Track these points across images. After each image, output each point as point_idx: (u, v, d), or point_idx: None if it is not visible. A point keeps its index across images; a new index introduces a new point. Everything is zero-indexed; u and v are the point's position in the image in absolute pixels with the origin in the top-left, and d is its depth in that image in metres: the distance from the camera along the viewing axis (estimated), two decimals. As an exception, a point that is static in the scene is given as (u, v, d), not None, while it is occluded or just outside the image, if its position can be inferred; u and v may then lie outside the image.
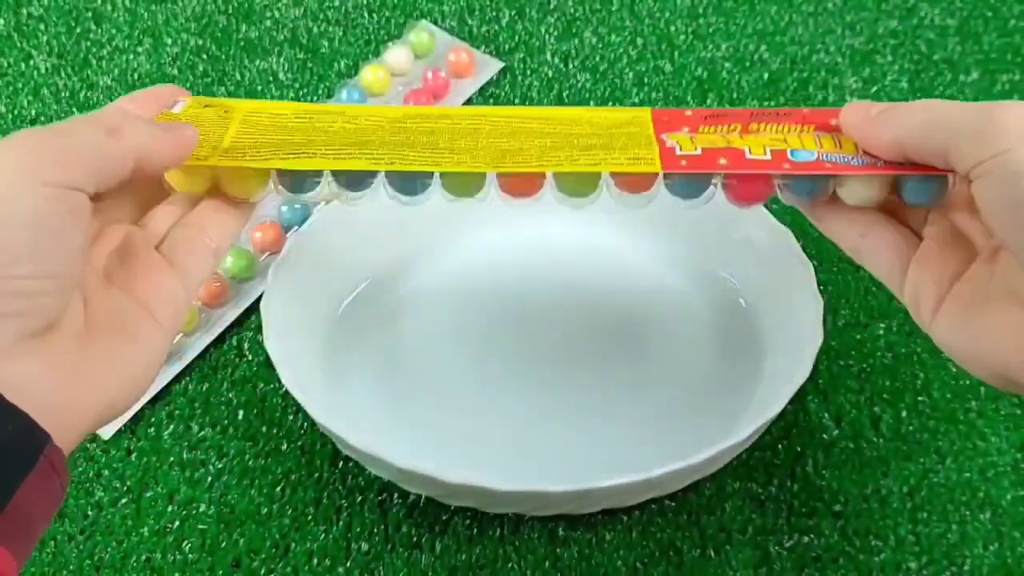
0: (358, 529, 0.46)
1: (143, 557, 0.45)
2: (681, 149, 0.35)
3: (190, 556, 0.45)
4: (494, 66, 0.65)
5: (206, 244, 0.34)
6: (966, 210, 0.35)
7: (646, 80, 0.65)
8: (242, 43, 0.68)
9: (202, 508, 0.47)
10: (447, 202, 0.36)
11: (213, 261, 0.35)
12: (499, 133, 0.36)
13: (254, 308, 0.54)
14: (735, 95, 0.64)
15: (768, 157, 0.35)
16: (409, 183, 0.36)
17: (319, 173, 0.36)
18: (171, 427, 0.49)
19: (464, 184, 0.36)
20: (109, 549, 0.45)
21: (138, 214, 0.35)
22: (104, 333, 0.30)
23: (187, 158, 0.34)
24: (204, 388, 0.51)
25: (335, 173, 0.36)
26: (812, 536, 0.45)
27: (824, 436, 0.49)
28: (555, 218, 0.37)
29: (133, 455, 0.49)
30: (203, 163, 0.35)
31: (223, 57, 0.67)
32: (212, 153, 0.36)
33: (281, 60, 0.67)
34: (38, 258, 0.27)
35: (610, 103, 0.64)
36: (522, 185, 0.35)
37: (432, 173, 0.35)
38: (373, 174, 0.36)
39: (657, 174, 0.35)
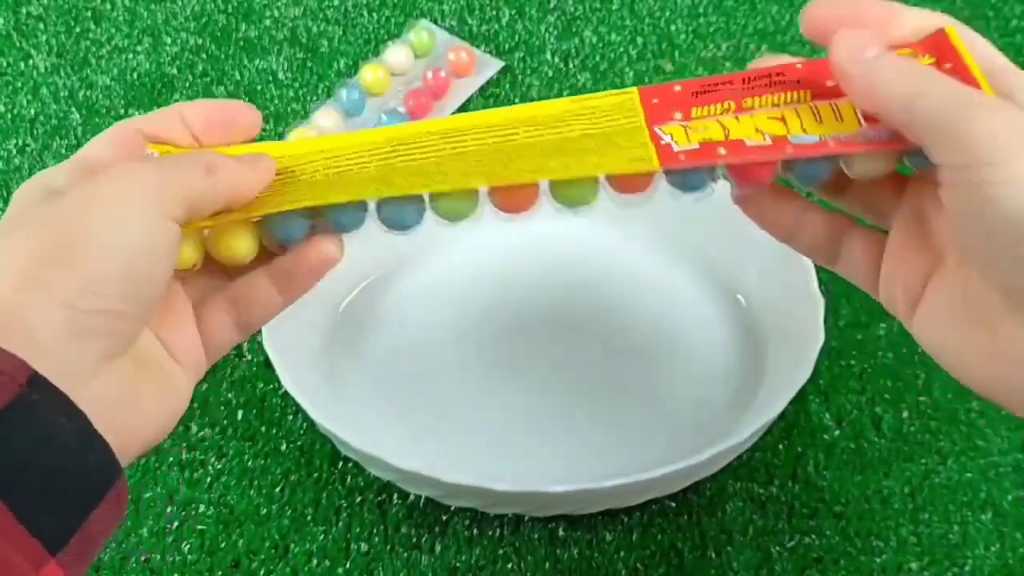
0: (357, 530, 0.46)
1: (142, 558, 0.45)
2: (677, 145, 0.34)
3: (189, 557, 0.45)
4: (494, 65, 0.65)
5: (232, 318, 0.35)
6: (935, 205, 0.32)
7: (647, 80, 0.65)
8: (241, 42, 0.68)
9: (201, 508, 0.47)
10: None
11: (237, 337, 0.35)
12: (488, 151, 0.35)
13: (253, 308, 0.54)
14: (736, 94, 0.64)
15: (768, 143, 0.34)
16: (399, 214, 0.35)
17: (308, 216, 0.35)
18: (170, 427, 0.49)
19: (457, 206, 0.35)
20: (108, 550, 0.45)
21: None
22: (149, 365, 0.31)
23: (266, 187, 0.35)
24: (203, 388, 0.51)
25: (325, 212, 0.35)
26: (813, 537, 0.45)
27: (825, 436, 0.48)
28: (556, 218, 0.37)
29: (132, 455, 0.48)
30: (201, 223, 0.33)
31: (222, 56, 0.67)
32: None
33: (281, 59, 0.67)
34: (132, 283, 0.28)
35: (610, 102, 0.64)
36: (517, 199, 0.34)
37: (422, 199, 0.35)
38: (363, 208, 0.35)
39: (655, 172, 0.34)
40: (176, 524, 0.46)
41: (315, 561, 0.45)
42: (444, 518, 0.46)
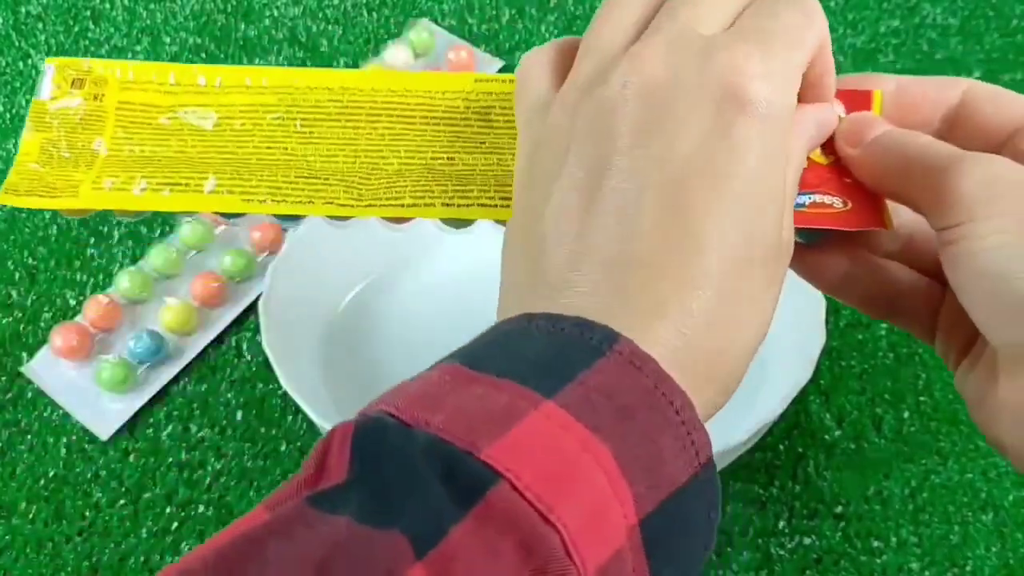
0: (357, 530, 0.46)
1: (141, 559, 0.45)
2: None
3: (188, 557, 0.45)
4: (494, 65, 0.65)
5: None
6: None
7: (647, 79, 0.65)
8: (241, 42, 0.68)
9: (200, 509, 0.46)
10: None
11: None
12: (378, 137, 0.37)
13: (253, 308, 0.53)
14: (736, 94, 0.64)
15: None
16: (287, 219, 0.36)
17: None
18: (169, 428, 0.49)
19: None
20: (107, 551, 0.45)
21: None
22: None
23: None
24: (203, 389, 0.51)
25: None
26: (814, 537, 0.45)
27: (826, 437, 0.48)
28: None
29: (131, 456, 0.48)
30: (76, 203, 0.33)
31: (222, 56, 0.67)
32: (86, 173, 0.34)
33: (280, 59, 0.66)
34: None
35: (610, 102, 0.64)
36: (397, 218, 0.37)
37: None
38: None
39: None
40: (175, 525, 0.46)
41: (315, 562, 0.45)
42: (444, 519, 0.46)
